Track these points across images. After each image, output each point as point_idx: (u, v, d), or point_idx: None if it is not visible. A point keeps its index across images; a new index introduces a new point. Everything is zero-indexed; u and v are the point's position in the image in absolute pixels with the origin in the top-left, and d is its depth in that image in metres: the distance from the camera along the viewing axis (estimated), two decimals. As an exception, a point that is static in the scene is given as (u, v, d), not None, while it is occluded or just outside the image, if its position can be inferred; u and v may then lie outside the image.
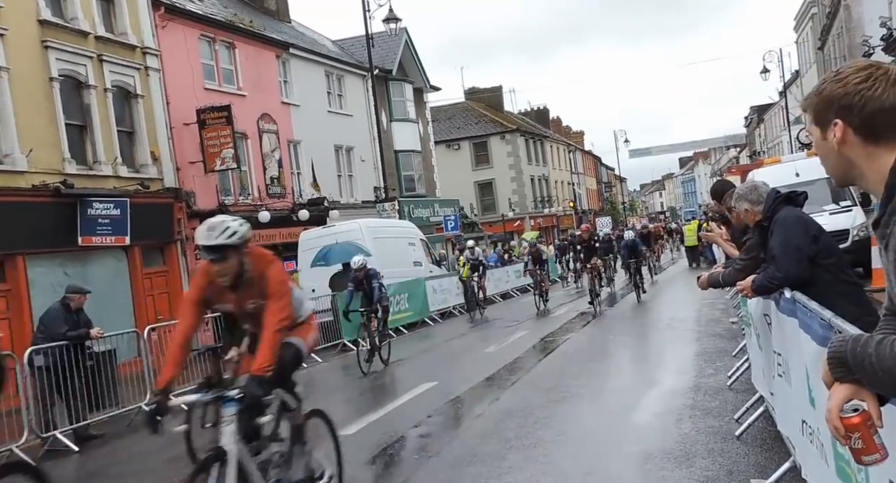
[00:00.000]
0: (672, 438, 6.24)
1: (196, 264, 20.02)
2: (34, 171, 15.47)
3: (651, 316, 15.51)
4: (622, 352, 11.71)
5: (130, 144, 18.71)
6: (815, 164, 11.86)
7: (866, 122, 1.75)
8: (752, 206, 4.85)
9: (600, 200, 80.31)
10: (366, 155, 29.89)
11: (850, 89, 1.76)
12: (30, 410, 9.15)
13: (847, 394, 1.74)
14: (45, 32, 16.28)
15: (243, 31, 23.71)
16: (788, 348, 4.43)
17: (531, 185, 53.85)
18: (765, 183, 5.09)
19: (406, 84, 33.87)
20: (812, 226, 4.56)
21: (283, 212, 23.11)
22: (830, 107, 1.80)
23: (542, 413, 7.80)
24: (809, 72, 43.58)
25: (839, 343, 1.78)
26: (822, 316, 3.36)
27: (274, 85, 24.95)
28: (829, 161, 1.87)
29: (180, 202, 19.61)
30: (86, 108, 17.29)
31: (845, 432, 1.72)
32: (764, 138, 65.54)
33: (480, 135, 52.11)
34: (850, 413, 1.72)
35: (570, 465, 6.03)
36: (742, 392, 7.37)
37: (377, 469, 6.61)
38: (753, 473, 5.12)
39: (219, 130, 20.21)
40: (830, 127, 1.80)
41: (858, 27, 29.49)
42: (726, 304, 14.36)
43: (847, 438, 1.74)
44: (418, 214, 31.16)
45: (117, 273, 17.74)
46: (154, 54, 19.55)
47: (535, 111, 67.33)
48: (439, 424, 8.09)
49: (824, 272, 4.40)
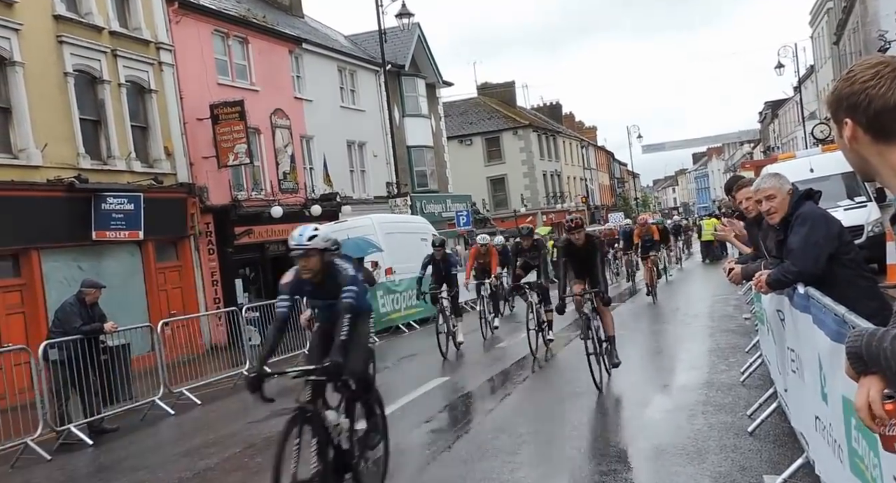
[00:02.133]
0: (684, 434, 6.22)
1: (210, 258, 20.13)
2: (49, 165, 15.57)
3: (664, 312, 15.46)
4: (634, 347, 11.67)
5: (144, 139, 18.80)
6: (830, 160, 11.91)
7: (873, 121, 1.75)
8: (781, 184, 4.67)
9: (613, 196, 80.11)
10: (378, 150, 29.91)
11: (856, 88, 1.76)
12: (44, 404, 9.21)
13: (884, 384, 1.77)
14: (59, 27, 16.37)
15: (256, 26, 23.75)
16: (802, 344, 4.41)
17: (543, 180, 53.75)
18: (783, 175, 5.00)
19: (418, 79, 33.85)
20: (834, 223, 4.52)
21: (295, 207, 23.16)
22: (840, 106, 1.81)
23: (553, 408, 7.80)
24: (824, 67, 43.27)
25: (855, 338, 1.79)
26: (836, 312, 3.34)
27: (287, 80, 24.99)
28: (848, 158, 1.89)
29: (193, 197, 19.68)
30: (100, 103, 17.38)
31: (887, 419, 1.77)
32: (778, 134, 65.14)
33: (493, 130, 52.04)
34: (885, 401, 1.76)
35: (583, 460, 6.03)
36: (755, 388, 7.35)
37: (390, 463, 6.62)
38: (766, 469, 5.11)
39: (232, 126, 20.27)
40: (843, 125, 1.81)
41: (874, 22, 29.23)
42: (739, 299, 14.30)
43: (883, 425, 1.78)
44: (430, 210, 31.17)
45: (131, 268, 17.83)
46: (168, 49, 19.62)
47: (547, 106, 67.16)
48: (451, 419, 8.10)
49: (844, 268, 4.36)
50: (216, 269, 20.24)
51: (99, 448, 9.07)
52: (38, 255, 15.24)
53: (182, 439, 9.04)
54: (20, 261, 15.14)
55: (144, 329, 11.97)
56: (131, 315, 15.12)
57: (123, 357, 10.72)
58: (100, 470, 8.02)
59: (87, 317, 9.79)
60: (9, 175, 14.67)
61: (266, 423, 8.43)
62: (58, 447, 9.11)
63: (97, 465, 8.31)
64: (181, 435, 9.43)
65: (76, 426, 9.42)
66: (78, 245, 16.26)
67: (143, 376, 11.18)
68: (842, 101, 1.79)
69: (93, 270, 15.73)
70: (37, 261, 15.19)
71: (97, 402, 9.79)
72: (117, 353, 10.53)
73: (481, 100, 55.64)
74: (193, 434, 9.17)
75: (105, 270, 16.36)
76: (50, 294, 14.89)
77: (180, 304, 18.51)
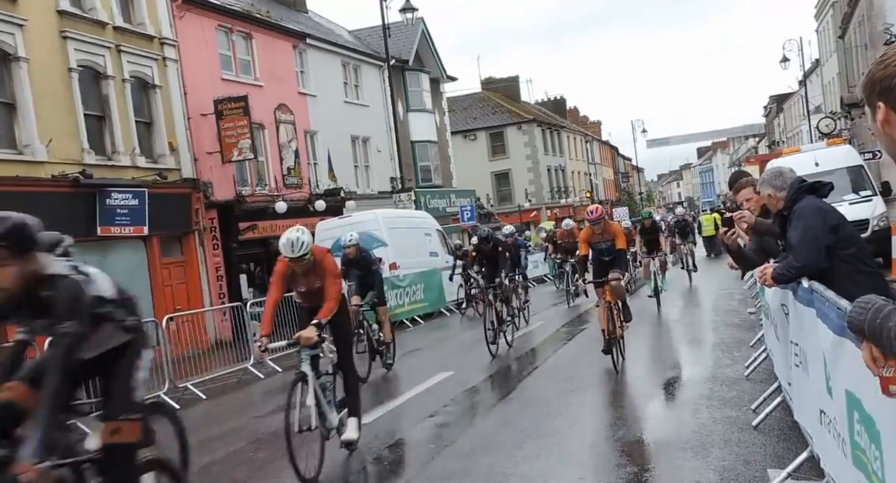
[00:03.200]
0: (689, 428, 6.23)
1: (214, 254, 20.16)
2: (53, 161, 15.60)
3: (667, 306, 15.44)
4: (638, 341, 11.68)
5: (148, 135, 18.82)
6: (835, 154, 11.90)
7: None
8: (776, 191, 4.76)
9: (617, 191, 79.96)
10: (382, 145, 29.90)
11: (889, 71, 1.78)
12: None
13: None
14: (63, 23, 16.39)
15: (260, 21, 23.75)
16: (806, 338, 4.41)
17: (548, 175, 53.68)
18: (791, 170, 5.01)
19: (422, 74, 33.81)
20: (831, 216, 4.52)
21: (299, 202, 23.18)
22: (874, 89, 1.82)
23: (557, 402, 7.80)
24: (830, 61, 43.10)
25: (861, 310, 1.80)
26: (839, 305, 3.34)
27: (291, 75, 24.99)
28: (880, 142, 1.91)
29: (198, 192, 19.71)
30: (104, 99, 17.40)
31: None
32: (783, 128, 64.95)
33: (497, 125, 51.98)
34: None
35: (586, 454, 6.04)
36: (759, 382, 7.35)
37: (394, 457, 6.65)
38: (770, 463, 5.11)
39: (236, 121, 20.28)
40: (876, 109, 1.82)
41: (880, 15, 29.08)
42: (744, 294, 14.29)
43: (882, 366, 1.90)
44: (434, 205, 31.17)
45: (136, 263, 17.87)
46: (171, 45, 19.63)
47: (551, 101, 67.02)
48: (455, 414, 8.11)
49: (843, 262, 4.36)
50: (220, 264, 20.28)
51: (105, 442, 9.11)
52: (44, 251, 15.26)
53: (187, 434, 9.06)
54: (25, 256, 15.17)
55: (149, 324, 11.97)
56: (136, 310, 15.13)
57: (129, 352, 10.74)
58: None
59: (92, 312, 9.81)
60: (14, 170, 14.71)
61: (271, 417, 8.46)
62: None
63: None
64: (186, 429, 9.45)
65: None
66: (83, 240, 16.24)
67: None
68: (875, 84, 1.81)
69: (98, 266, 15.54)
70: (42, 256, 15.21)
71: (103, 397, 9.83)
72: (122, 347, 10.55)
73: (485, 94, 55.57)
74: (198, 428, 9.19)
75: (110, 266, 16.38)
76: (55, 289, 14.91)
77: (185, 300, 18.56)
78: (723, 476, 5.01)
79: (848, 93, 34.55)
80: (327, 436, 6.43)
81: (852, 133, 34.04)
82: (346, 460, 6.62)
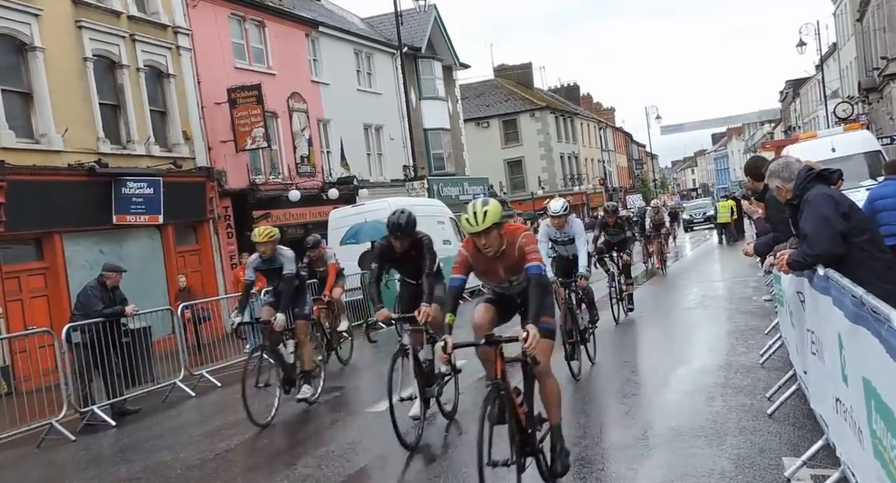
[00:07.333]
0: (703, 416, 6.21)
1: (229, 242, 20.20)
2: (69, 150, 15.69)
3: (682, 293, 15.40)
4: (653, 329, 11.64)
5: (163, 124, 18.89)
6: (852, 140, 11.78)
7: None
8: (784, 183, 4.79)
9: (631, 178, 79.63)
10: (395, 133, 29.87)
11: None
12: (68, 386, 9.36)
13: None
14: (78, 12, 16.44)
15: (273, 9, 23.73)
16: (822, 326, 4.39)
17: (561, 162, 53.52)
18: (798, 160, 5.01)
19: (435, 62, 33.71)
20: (842, 203, 4.50)
21: (312, 190, 23.23)
22: None
23: (571, 390, 7.80)
24: (847, 44, 42.61)
25: None
26: (854, 293, 3.33)
27: (303, 64, 24.99)
28: None
29: (212, 181, 19.78)
30: (119, 88, 17.47)
31: None
32: (799, 113, 64.37)
33: (510, 112, 51.83)
34: None
35: (599, 442, 6.04)
36: (774, 370, 7.32)
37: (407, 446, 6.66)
38: (785, 452, 5.09)
39: (249, 109, 20.32)
40: None
41: (899, -2, 28.72)
42: (759, 281, 14.21)
43: None
44: (447, 193, 31.12)
45: (151, 251, 17.99)
46: (185, 34, 19.66)
47: (565, 88, 66.76)
48: (469, 402, 8.12)
49: (857, 249, 4.34)
50: (234, 252, 20.36)
51: (121, 429, 9.20)
52: (61, 239, 15.41)
53: (203, 421, 9.14)
54: (43, 244, 15.32)
55: (165, 312, 12.09)
56: (152, 298, 15.26)
57: (145, 339, 10.84)
58: (123, 450, 8.13)
59: (108, 300, 9.89)
60: (31, 160, 14.81)
61: (285, 405, 8.50)
62: (82, 428, 9.25)
63: (120, 445, 8.42)
64: (202, 417, 9.54)
65: (99, 407, 9.56)
66: (99, 229, 16.41)
67: (164, 359, 11.29)
68: None
69: (114, 254, 15.88)
70: (59, 244, 15.36)
71: (119, 384, 9.93)
72: (139, 335, 10.64)
73: (498, 82, 55.38)
74: (214, 416, 9.27)
75: (126, 254, 16.52)
76: (72, 277, 15.07)
77: (200, 288, 18.66)
78: (737, 464, 5.00)
79: (866, 77, 34.15)
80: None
81: (870, 118, 33.68)
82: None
